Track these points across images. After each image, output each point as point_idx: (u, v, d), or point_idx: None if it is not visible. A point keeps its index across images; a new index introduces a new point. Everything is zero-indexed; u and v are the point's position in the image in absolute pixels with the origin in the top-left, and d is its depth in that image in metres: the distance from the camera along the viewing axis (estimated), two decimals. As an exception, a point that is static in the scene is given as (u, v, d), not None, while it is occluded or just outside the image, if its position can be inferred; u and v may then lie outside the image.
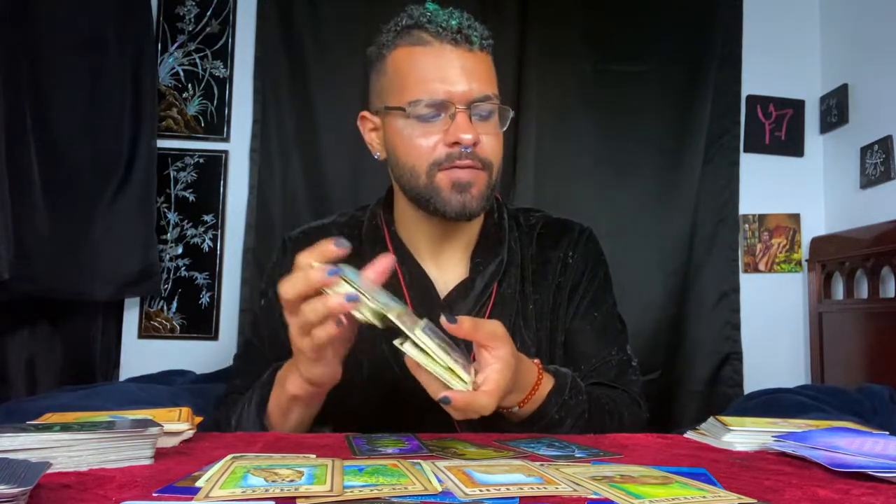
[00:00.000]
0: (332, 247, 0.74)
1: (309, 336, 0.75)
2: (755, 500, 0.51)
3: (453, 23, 0.93)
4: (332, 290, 0.71)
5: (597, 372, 1.03)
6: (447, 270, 1.04)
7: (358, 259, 1.01)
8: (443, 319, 0.72)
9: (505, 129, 0.99)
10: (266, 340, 1.04)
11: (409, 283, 1.01)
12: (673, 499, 0.50)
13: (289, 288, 0.74)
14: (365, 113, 1.07)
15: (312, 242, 0.96)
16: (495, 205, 1.08)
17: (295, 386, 0.84)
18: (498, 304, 1.02)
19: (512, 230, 1.08)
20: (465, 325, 0.73)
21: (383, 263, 0.76)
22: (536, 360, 0.89)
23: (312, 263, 0.73)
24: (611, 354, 1.05)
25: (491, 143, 0.96)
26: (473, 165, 0.94)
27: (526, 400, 0.85)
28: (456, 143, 0.92)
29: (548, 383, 0.88)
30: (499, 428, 0.90)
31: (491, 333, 0.76)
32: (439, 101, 0.93)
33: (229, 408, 0.97)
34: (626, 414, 0.98)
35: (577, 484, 0.54)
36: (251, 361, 1.03)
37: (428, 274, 1.02)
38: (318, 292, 0.73)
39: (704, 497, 0.51)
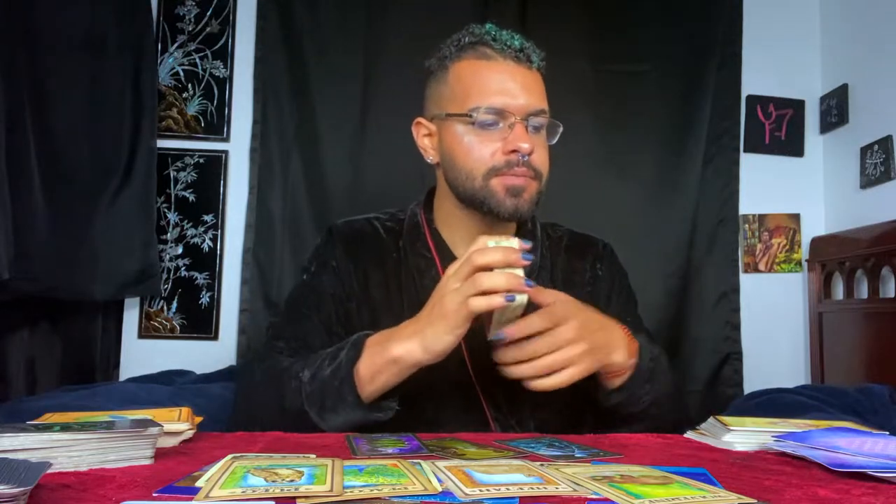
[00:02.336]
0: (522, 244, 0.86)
1: (466, 304, 0.83)
2: (755, 500, 0.51)
3: (516, 43, 1.04)
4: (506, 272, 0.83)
5: None
6: None
7: (396, 254, 1.11)
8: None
9: (553, 142, 1.09)
10: (313, 309, 1.08)
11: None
12: (673, 499, 0.50)
13: (482, 256, 0.85)
14: (420, 119, 1.14)
15: (357, 233, 1.12)
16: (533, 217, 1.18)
17: (404, 350, 0.88)
18: (530, 304, 1.07)
19: (543, 240, 1.16)
20: (532, 288, 0.85)
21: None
22: (615, 318, 0.98)
23: (512, 243, 0.85)
24: (644, 350, 1.10)
25: (542, 155, 1.05)
26: (527, 174, 1.02)
27: (633, 353, 0.95)
28: (514, 152, 1.00)
29: (634, 340, 0.97)
30: (521, 411, 1.02)
31: (552, 293, 0.90)
32: (499, 109, 1.01)
33: (292, 367, 0.96)
34: (679, 384, 1.08)
35: (577, 484, 0.54)
36: (298, 325, 1.08)
37: None
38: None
39: (704, 497, 0.51)
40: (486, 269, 0.84)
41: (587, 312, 0.91)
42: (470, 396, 1.03)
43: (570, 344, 0.86)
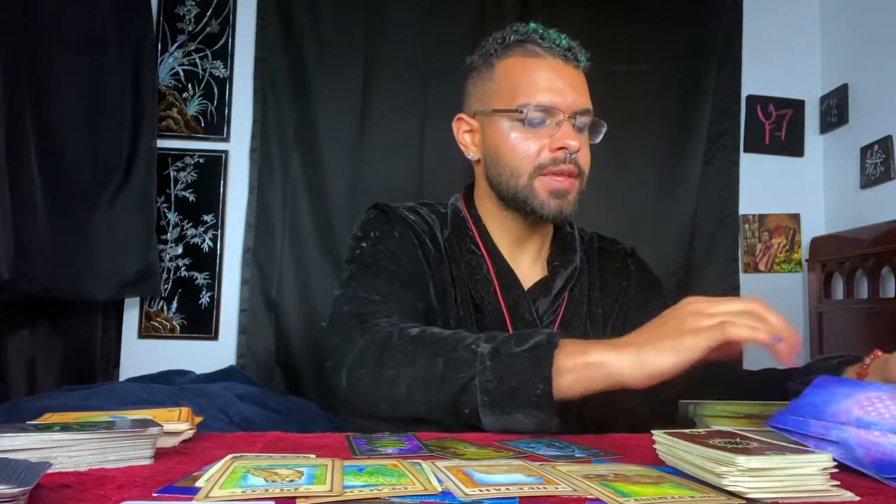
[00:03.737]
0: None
1: (719, 326, 0.76)
2: (746, 500, 0.51)
3: (563, 41, 1.05)
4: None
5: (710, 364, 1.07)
6: (522, 269, 1.10)
7: (438, 242, 1.08)
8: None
9: (597, 141, 1.08)
10: (395, 266, 1.01)
11: (497, 273, 1.07)
12: (660, 497, 0.50)
13: (772, 317, 0.80)
14: (462, 115, 1.12)
15: (405, 216, 1.11)
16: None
17: (610, 357, 0.78)
18: (570, 305, 1.10)
19: (580, 241, 1.18)
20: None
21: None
22: None
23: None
24: None
25: (586, 154, 1.06)
26: (573, 172, 1.02)
27: None
28: (561, 149, 1.00)
29: None
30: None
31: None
32: (548, 106, 1.01)
33: (454, 334, 0.86)
34: None
35: (568, 482, 0.54)
36: (386, 282, 0.99)
37: (515, 272, 1.09)
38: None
39: (693, 497, 0.51)
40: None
41: None
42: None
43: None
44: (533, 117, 1.01)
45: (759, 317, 0.77)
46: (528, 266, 1.12)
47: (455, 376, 0.80)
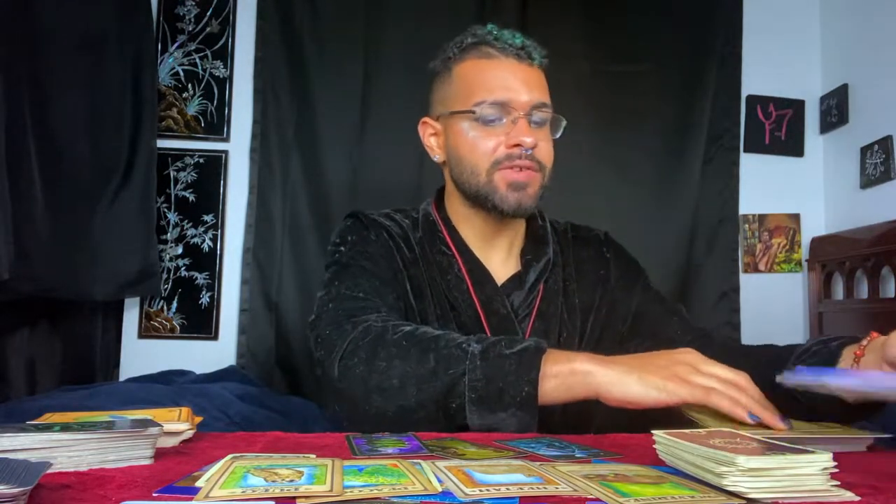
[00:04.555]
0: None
1: (706, 390, 0.76)
2: (746, 500, 0.51)
3: (517, 41, 1.08)
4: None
5: (706, 336, 1.11)
6: (494, 265, 1.12)
7: (411, 245, 1.11)
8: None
9: (557, 136, 1.11)
10: (374, 265, 1.06)
11: (469, 270, 1.10)
12: (660, 497, 0.50)
13: (744, 398, 0.76)
14: (426, 119, 1.17)
15: (377, 222, 1.13)
16: (537, 211, 1.19)
17: (593, 367, 0.81)
18: (545, 298, 1.12)
19: (553, 233, 1.19)
20: None
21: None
22: None
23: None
24: (689, 319, 1.15)
25: (546, 148, 1.08)
26: (531, 167, 1.05)
27: None
28: (517, 145, 1.03)
29: None
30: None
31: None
32: (502, 102, 1.04)
33: (444, 334, 0.88)
34: None
35: (568, 482, 0.54)
36: (365, 281, 1.03)
37: (487, 268, 1.11)
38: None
39: (693, 497, 0.51)
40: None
41: None
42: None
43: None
44: (487, 115, 1.05)
45: (743, 390, 0.78)
46: (501, 262, 1.14)
47: (446, 372, 0.83)
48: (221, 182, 2.19)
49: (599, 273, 1.18)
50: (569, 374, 0.81)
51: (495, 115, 1.05)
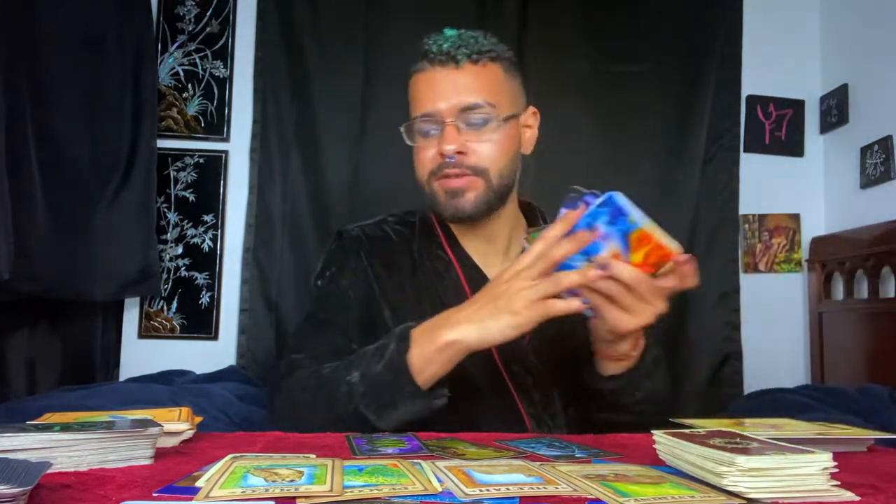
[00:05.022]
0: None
1: (544, 304, 0.84)
2: (746, 500, 0.51)
3: (445, 46, 1.05)
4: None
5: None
6: (494, 268, 1.11)
7: (411, 257, 1.12)
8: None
9: (498, 129, 1.05)
10: (335, 315, 1.08)
11: (467, 275, 1.09)
12: (660, 497, 0.50)
13: (559, 249, 0.83)
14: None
15: (369, 237, 1.13)
16: (537, 212, 1.19)
17: (458, 335, 0.87)
18: None
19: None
20: None
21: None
22: None
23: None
24: (649, 345, 1.10)
25: (485, 150, 1.04)
26: (462, 173, 1.03)
27: (639, 346, 0.97)
28: (443, 154, 1.02)
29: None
30: (552, 401, 1.03)
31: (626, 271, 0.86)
32: (425, 114, 1.04)
33: (337, 370, 0.95)
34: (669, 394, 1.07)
35: (569, 482, 0.54)
36: (321, 333, 1.07)
37: (480, 267, 1.11)
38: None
39: (693, 497, 0.51)
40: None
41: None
42: (503, 393, 1.03)
43: (653, 305, 0.90)
44: (420, 128, 1.06)
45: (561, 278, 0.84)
46: (500, 264, 1.12)
47: (347, 412, 0.89)
48: (221, 182, 2.19)
49: None
50: (438, 353, 0.87)
51: (427, 127, 1.05)
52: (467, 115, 1.03)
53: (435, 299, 1.07)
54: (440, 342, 0.87)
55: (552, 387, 1.05)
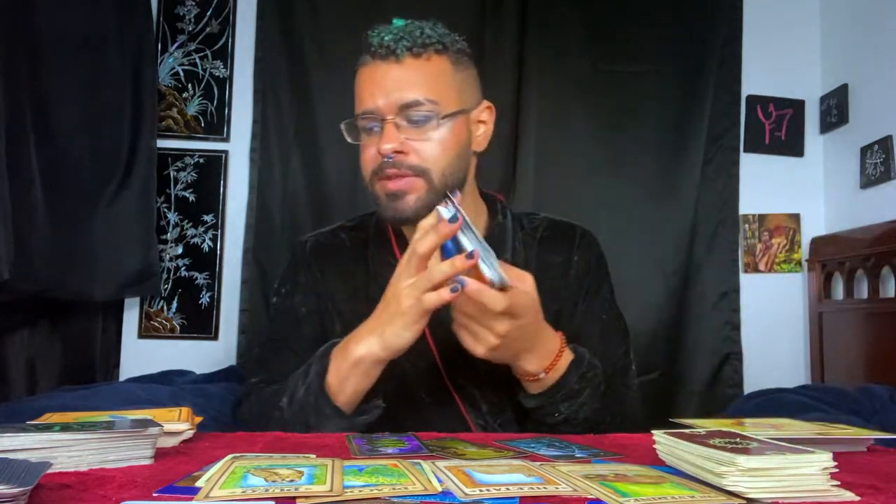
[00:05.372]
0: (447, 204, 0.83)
1: (420, 300, 0.82)
2: (746, 500, 0.51)
3: (386, 39, 0.98)
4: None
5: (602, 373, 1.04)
6: None
7: (364, 265, 1.08)
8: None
9: (440, 126, 0.98)
10: (289, 333, 1.07)
11: None
12: (660, 497, 0.50)
13: (424, 245, 0.82)
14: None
15: (322, 246, 1.09)
16: (499, 206, 1.12)
17: (365, 349, 0.88)
18: None
19: (515, 232, 1.10)
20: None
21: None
22: (560, 332, 0.94)
23: (438, 212, 0.82)
24: (616, 357, 1.07)
25: (426, 149, 0.98)
26: (401, 174, 0.97)
27: (550, 367, 0.91)
28: (382, 154, 0.97)
29: (568, 356, 0.94)
30: (504, 409, 0.98)
31: (519, 275, 0.85)
32: (365, 111, 0.99)
33: (274, 394, 0.96)
34: (628, 406, 1.02)
35: (568, 481, 0.54)
36: (275, 356, 1.07)
37: None
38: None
39: (693, 497, 0.51)
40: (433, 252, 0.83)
41: (534, 312, 0.87)
42: (450, 403, 1.01)
43: (492, 332, 0.84)
44: (362, 125, 1.01)
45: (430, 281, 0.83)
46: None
47: (287, 427, 0.90)
48: (221, 182, 2.19)
49: (560, 279, 1.08)
50: (352, 369, 0.88)
51: (370, 125, 1.00)
52: (407, 112, 0.97)
53: None
54: (351, 359, 0.88)
55: (503, 396, 1.00)
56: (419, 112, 0.97)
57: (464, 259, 0.80)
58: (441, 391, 1.01)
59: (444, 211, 0.82)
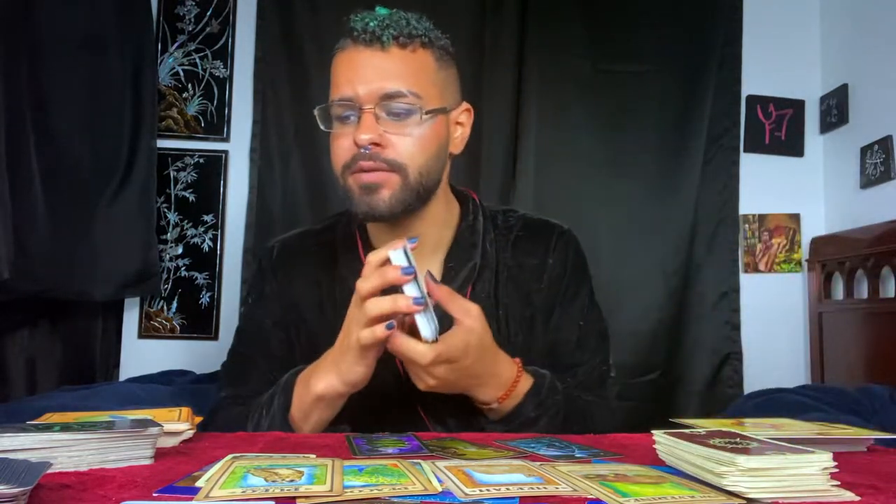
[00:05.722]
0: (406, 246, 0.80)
1: (367, 336, 0.80)
2: (746, 500, 0.51)
3: (371, 25, 0.92)
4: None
5: (578, 382, 1.02)
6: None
7: (331, 268, 1.03)
8: (427, 276, 0.82)
9: (421, 122, 0.93)
10: (256, 349, 1.04)
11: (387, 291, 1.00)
12: (660, 497, 0.50)
13: (366, 285, 0.80)
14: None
15: (288, 252, 1.05)
16: (471, 205, 1.06)
17: (324, 385, 0.86)
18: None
19: (487, 232, 1.05)
20: (442, 290, 0.82)
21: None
22: (517, 360, 0.92)
23: (389, 256, 0.79)
24: (593, 365, 1.03)
25: (404, 144, 0.92)
26: (377, 168, 0.91)
27: (504, 396, 0.89)
28: (358, 144, 0.91)
29: (526, 382, 0.91)
30: (472, 426, 0.93)
31: (464, 309, 0.83)
32: (343, 98, 0.93)
33: (239, 416, 0.94)
34: (598, 419, 0.98)
35: (567, 481, 0.54)
36: (242, 369, 1.03)
37: None
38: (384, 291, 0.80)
39: (693, 497, 0.51)
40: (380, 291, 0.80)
41: (477, 348, 0.84)
42: (411, 416, 0.97)
43: (428, 375, 0.83)
44: (337, 113, 0.95)
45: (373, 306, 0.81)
46: (423, 269, 1.02)
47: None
48: (221, 182, 2.19)
49: (534, 283, 1.03)
50: (314, 404, 0.87)
51: (346, 113, 0.94)
52: (388, 103, 0.92)
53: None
54: (313, 395, 0.86)
55: (469, 411, 0.94)
56: (401, 104, 0.92)
57: (409, 303, 0.78)
58: (406, 406, 0.96)
59: (395, 256, 0.79)
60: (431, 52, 0.96)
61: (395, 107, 0.92)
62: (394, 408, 0.96)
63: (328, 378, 0.86)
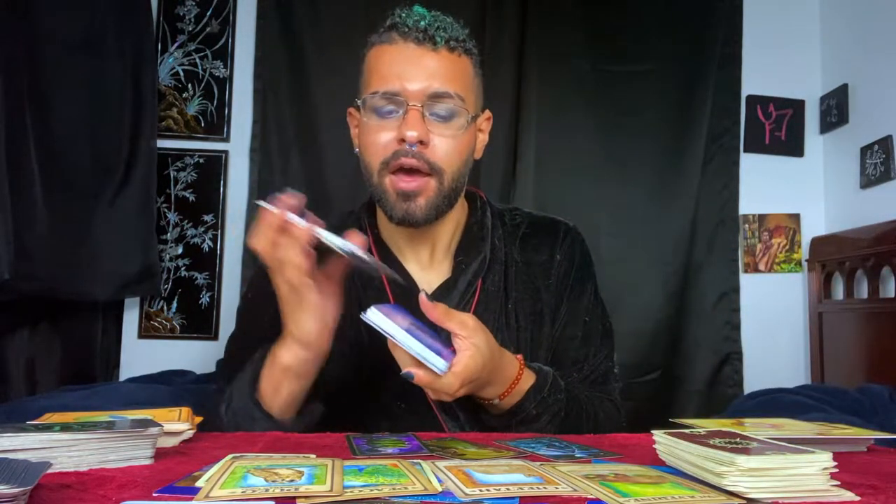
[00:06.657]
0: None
1: (287, 279, 0.81)
2: (746, 500, 0.51)
3: (422, 24, 0.93)
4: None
5: (584, 377, 1.03)
6: (431, 271, 1.04)
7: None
8: (422, 297, 0.79)
9: (462, 127, 0.95)
10: (254, 341, 1.02)
11: (390, 280, 0.99)
12: (660, 497, 0.50)
13: (259, 238, 0.83)
14: (351, 109, 1.04)
15: None
16: (479, 202, 1.08)
17: (288, 354, 0.85)
18: (482, 301, 1.01)
19: (496, 228, 1.06)
20: (437, 310, 0.80)
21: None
22: (519, 356, 0.91)
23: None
24: (598, 361, 1.04)
25: (445, 147, 0.93)
26: (419, 167, 0.92)
27: (506, 393, 0.88)
28: (403, 140, 0.91)
29: (528, 379, 0.91)
30: (480, 420, 0.94)
31: (461, 323, 0.81)
32: (391, 91, 0.92)
33: (216, 396, 0.95)
34: (602, 417, 0.98)
35: (567, 481, 0.54)
36: (236, 367, 1.01)
37: (411, 275, 1.02)
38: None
39: (693, 497, 0.51)
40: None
41: (489, 359, 0.83)
42: (421, 409, 0.96)
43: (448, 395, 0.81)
44: (378, 105, 0.93)
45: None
46: (438, 266, 1.03)
47: (232, 428, 0.88)
48: (221, 182, 2.19)
49: (542, 279, 1.04)
50: (283, 377, 0.86)
51: (388, 107, 0.93)
52: (435, 103, 0.92)
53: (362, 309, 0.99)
54: (280, 366, 0.86)
55: (479, 407, 0.95)
56: (447, 105, 0.93)
57: (300, 227, 0.84)
58: (416, 400, 0.94)
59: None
60: (470, 59, 0.98)
61: (441, 108, 0.93)
62: (403, 402, 0.97)
63: (286, 344, 0.85)
